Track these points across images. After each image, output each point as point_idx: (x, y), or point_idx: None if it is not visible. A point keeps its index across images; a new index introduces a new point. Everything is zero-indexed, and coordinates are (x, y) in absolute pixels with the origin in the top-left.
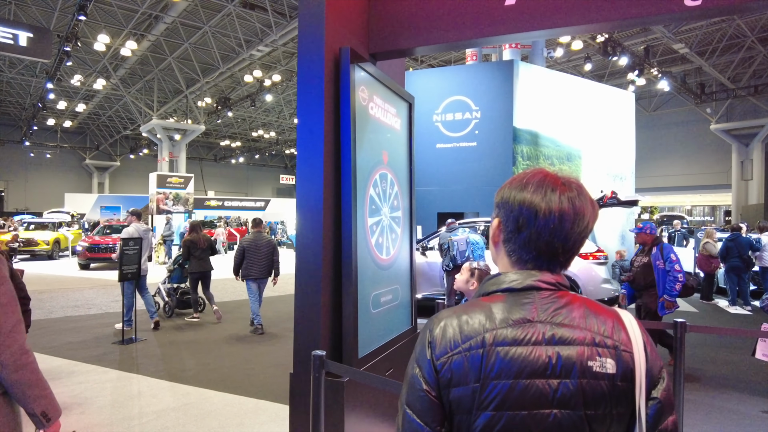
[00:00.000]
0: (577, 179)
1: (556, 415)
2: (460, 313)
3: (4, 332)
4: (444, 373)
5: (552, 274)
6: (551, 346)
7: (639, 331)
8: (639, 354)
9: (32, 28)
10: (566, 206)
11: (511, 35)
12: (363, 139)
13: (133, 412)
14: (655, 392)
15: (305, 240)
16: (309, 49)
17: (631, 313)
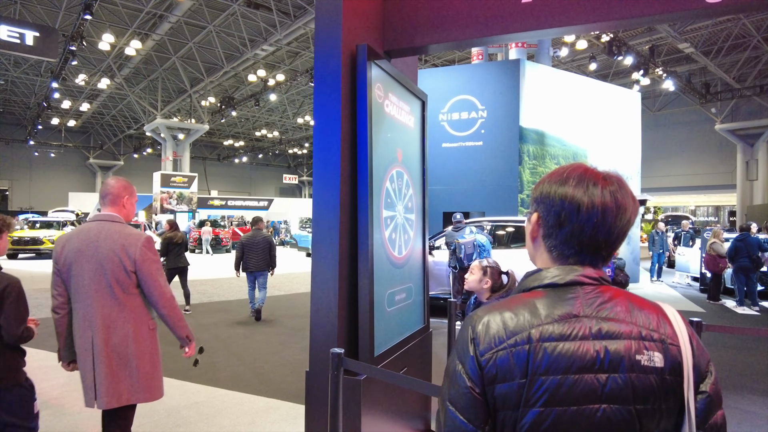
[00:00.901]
0: (618, 173)
1: (605, 410)
2: (503, 310)
3: (162, 286)
4: (489, 369)
5: (594, 269)
6: (598, 341)
7: (683, 325)
8: (685, 347)
9: (39, 28)
10: (609, 200)
11: (527, 33)
12: (378, 137)
13: (143, 410)
14: (704, 386)
15: (322, 238)
16: (326, 46)
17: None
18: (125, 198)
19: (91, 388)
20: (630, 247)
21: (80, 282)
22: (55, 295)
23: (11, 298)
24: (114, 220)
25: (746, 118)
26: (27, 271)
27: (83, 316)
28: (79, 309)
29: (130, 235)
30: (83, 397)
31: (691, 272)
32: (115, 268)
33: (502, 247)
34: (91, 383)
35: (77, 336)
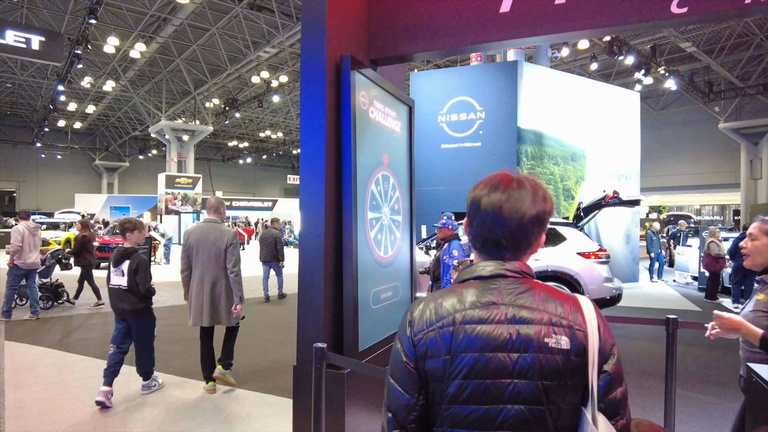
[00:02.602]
0: (534, 179)
1: (515, 384)
2: (437, 298)
3: (236, 261)
4: (420, 347)
5: (518, 262)
6: (512, 325)
7: (594, 314)
8: (593, 333)
9: (44, 32)
10: (503, 201)
11: (505, 42)
12: (363, 142)
13: (143, 406)
14: (606, 366)
15: (308, 238)
16: (311, 57)
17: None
18: (221, 209)
19: (198, 315)
20: (629, 247)
21: (198, 257)
22: (183, 264)
23: (142, 267)
24: (216, 222)
25: (750, 117)
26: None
27: (199, 276)
28: (197, 272)
29: (224, 231)
30: (190, 320)
31: (690, 271)
32: (216, 249)
33: None
34: (198, 312)
35: (194, 287)
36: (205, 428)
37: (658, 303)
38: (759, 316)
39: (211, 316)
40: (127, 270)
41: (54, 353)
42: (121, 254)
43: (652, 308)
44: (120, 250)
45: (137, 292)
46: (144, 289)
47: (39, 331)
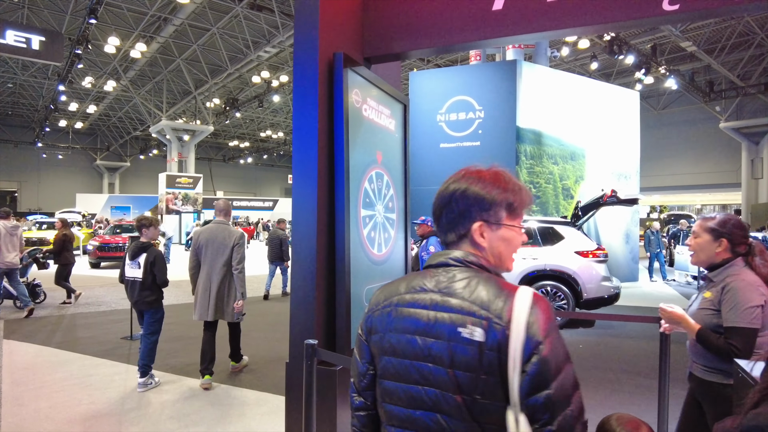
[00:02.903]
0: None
1: (431, 368)
2: (393, 282)
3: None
4: (368, 323)
5: (463, 251)
6: (433, 311)
7: (526, 309)
8: (516, 329)
9: (44, 32)
10: (451, 188)
11: (498, 39)
12: (356, 139)
13: (139, 403)
14: (527, 366)
15: (300, 236)
16: (304, 55)
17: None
18: (230, 211)
19: (206, 309)
20: (629, 246)
21: (207, 256)
22: (192, 262)
23: (159, 260)
24: (224, 223)
25: (751, 116)
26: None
27: (207, 273)
28: (205, 269)
29: (232, 232)
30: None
31: (689, 271)
32: (224, 248)
33: None
34: (205, 306)
35: (201, 283)
36: (200, 426)
37: (656, 302)
38: (707, 314)
39: (216, 311)
40: (144, 263)
41: (52, 351)
42: (139, 248)
43: (651, 307)
44: (137, 245)
45: (151, 284)
46: (161, 280)
47: (37, 330)
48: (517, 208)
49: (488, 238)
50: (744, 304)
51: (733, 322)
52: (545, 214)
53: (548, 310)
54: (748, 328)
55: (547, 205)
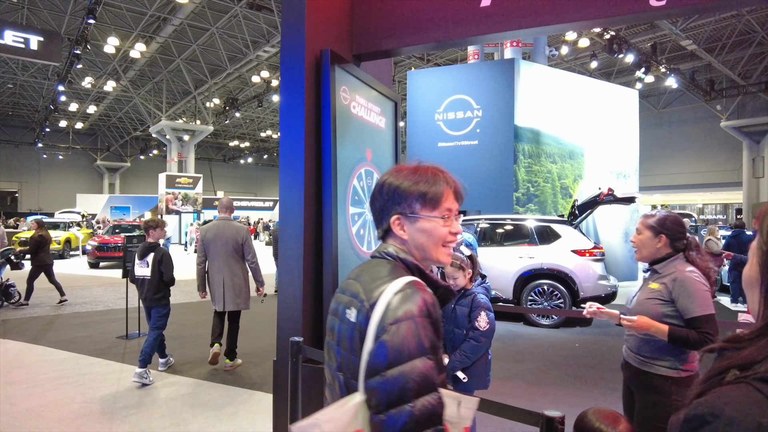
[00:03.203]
0: (413, 166)
1: (332, 344)
2: None
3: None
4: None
5: (385, 244)
6: (341, 294)
7: (392, 293)
8: (378, 311)
9: (43, 32)
10: (376, 184)
11: (486, 36)
12: (345, 137)
13: (132, 402)
14: (372, 343)
15: (288, 233)
16: (290, 51)
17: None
18: (232, 207)
19: (221, 301)
20: (628, 246)
21: (215, 251)
22: (200, 257)
23: (166, 259)
24: (229, 219)
25: (752, 115)
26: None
27: (217, 267)
28: (214, 264)
29: (239, 227)
30: (215, 306)
31: None
32: (233, 243)
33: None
34: (221, 299)
35: (213, 277)
36: (192, 425)
37: None
38: (655, 303)
39: (235, 301)
40: (152, 261)
41: (47, 350)
42: (146, 248)
43: None
44: (145, 245)
45: (158, 282)
46: (168, 277)
47: (33, 329)
48: (433, 199)
49: (408, 231)
50: (699, 292)
51: (697, 312)
52: (543, 213)
53: (417, 299)
54: (711, 314)
55: (546, 204)
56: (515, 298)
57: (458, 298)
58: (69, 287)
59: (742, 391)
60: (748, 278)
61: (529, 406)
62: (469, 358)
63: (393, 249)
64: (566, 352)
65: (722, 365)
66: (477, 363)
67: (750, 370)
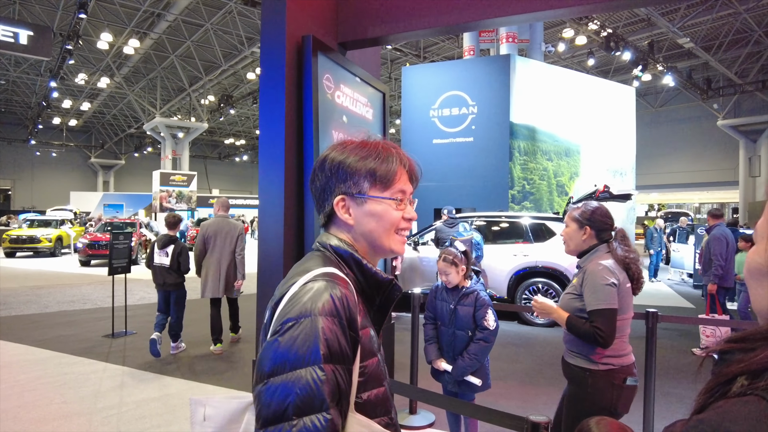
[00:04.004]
0: (360, 140)
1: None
2: None
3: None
4: None
5: (326, 235)
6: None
7: (297, 287)
8: (280, 305)
9: (32, 27)
10: (316, 162)
11: (471, 23)
12: (329, 127)
13: (112, 402)
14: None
15: (267, 230)
16: (270, 38)
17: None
18: (228, 206)
19: (216, 288)
20: None
21: (216, 244)
22: (200, 248)
23: (185, 251)
24: (227, 217)
25: (748, 114)
26: (22, 269)
27: (217, 258)
28: (214, 255)
29: (236, 224)
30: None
31: (685, 269)
32: (230, 238)
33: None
34: (217, 286)
35: (211, 268)
36: (173, 426)
37: (651, 300)
38: (569, 297)
39: (223, 288)
40: (172, 252)
41: (29, 349)
42: (167, 240)
43: (645, 305)
44: (165, 237)
45: (176, 270)
46: (185, 268)
47: (18, 327)
48: (384, 177)
49: (354, 214)
50: (600, 286)
51: (593, 305)
52: (539, 210)
53: (324, 294)
54: (608, 309)
55: (541, 201)
56: (509, 296)
57: (459, 298)
58: (58, 285)
59: (751, 407)
60: (755, 267)
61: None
62: (479, 360)
63: (336, 241)
64: (560, 352)
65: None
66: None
67: (762, 379)
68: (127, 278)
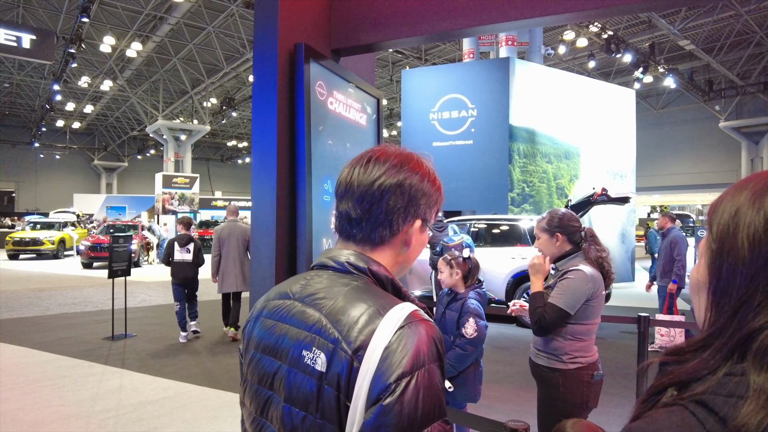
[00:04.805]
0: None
1: (273, 398)
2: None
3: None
4: (243, 335)
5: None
6: (284, 324)
7: (391, 332)
8: (370, 359)
9: (35, 30)
10: (354, 174)
11: (464, 30)
12: (321, 134)
13: (110, 405)
14: (368, 413)
15: (260, 236)
16: (263, 46)
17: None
18: (237, 211)
19: (233, 285)
20: (625, 246)
21: (230, 246)
22: (216, 250)
23: (202, 249)
24: (237, 221)
25: (751, 116)
26: (25, 272)
27: (233, 258)
28: (230, 256)
29: (246, 228)
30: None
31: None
32: (242, 239)
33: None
34: (233, 284)
35: (228, 266)
36: (170, 428)
37: (650, 302)
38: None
39: (240, 282)
40: (193, 249)
41: (29, 352)
42: (187, 239)
43: (644, 308)
44: (184, 237)
45: (195, 264)
46: (203, 262)
47: (17, 330)
48: (438, 210)
49: (414, 240)
50: (572, 292)
51: (556, 301)
52: (539, 213)
53: (425, 338)
54: (564, 310)
55: (541, 204)
56: (508, 299)
57: (449, 302)
58: (60, 288)
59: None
60: (695, 282)
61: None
62: (454, 367)
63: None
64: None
65: (660, 383)
66: (465, 373)
67: (688, 390)
68: (128, 281)
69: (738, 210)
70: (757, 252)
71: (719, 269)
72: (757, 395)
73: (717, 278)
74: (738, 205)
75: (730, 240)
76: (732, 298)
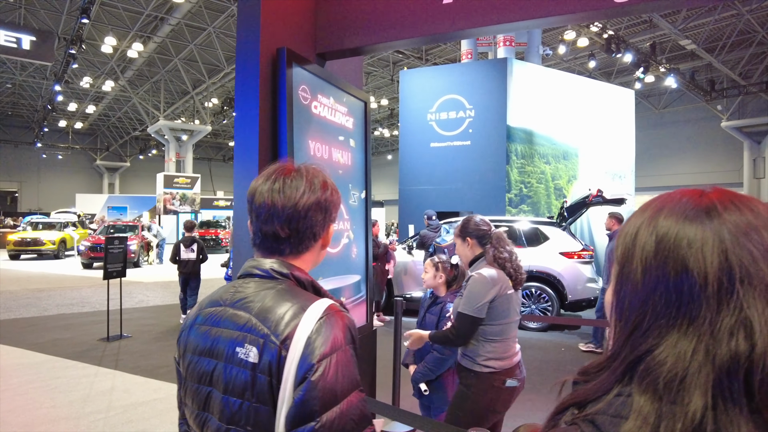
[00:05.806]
0: (310, 168)
1: (212, 393)
2: (215, 291)
3: None
4: (178, 344)
5: (274, 260)
6: (218, 328)
7: (312, 323)
8: (296, 347)
9: (35, 32)
10: (275, 197)
11: (449, 33)
12: (305, 137)
13: (101, 407)
14: (297, 391)
15: (241, 240)
16: (245, 51)
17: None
18: None
19: None
20: None
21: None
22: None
23: (204, 248)
24: None
25: (753, 115)
26: (25, 272)
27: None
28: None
29: None
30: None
31: None
32: None
33: None
34: None
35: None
36: (158, 429)
37: None
38: (459, 298)
39: None
40: (197, 249)
41: (23, 353)
42: (191, 240)
43: None
44: (188, 238)
45: (198, 261)
46: (206, 259)
47: (14, 331)
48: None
49: (330, 239)
50: (474, 295)
51: (462, 308)
52: (537, 214)
53: (341, 326)
54: (471, 316)
55: (539, 205)
56: None
57: (429, 305)
58: (59, 288)
59: None
60: (607, 304)
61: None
62: (431, 371)
63: (279, 265)
64: (551, 357)
65: (563, 403)
66: (444, 377)
67: (585, 410)
68: (123, 282)
69: (637, 232)
70: (648, 276)
71: (620, 292)
72: (636, 415)
73: (619, 301)
74: (638, 227)
75: (629, 263)
76: (628, 322)
